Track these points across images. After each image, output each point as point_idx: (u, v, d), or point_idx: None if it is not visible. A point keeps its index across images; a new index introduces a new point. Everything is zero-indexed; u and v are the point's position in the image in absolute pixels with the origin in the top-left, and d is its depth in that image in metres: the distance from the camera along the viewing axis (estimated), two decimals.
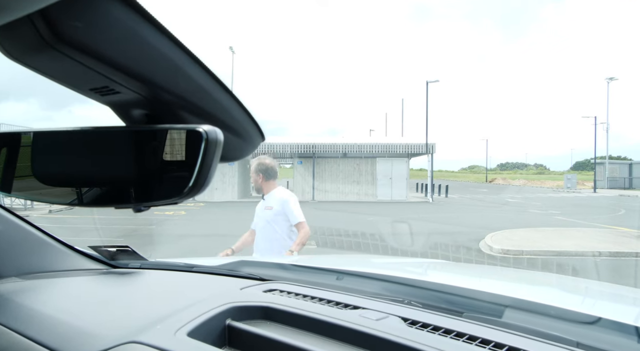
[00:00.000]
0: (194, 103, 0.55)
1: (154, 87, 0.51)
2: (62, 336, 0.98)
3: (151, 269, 1.54)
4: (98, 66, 0.48)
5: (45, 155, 0.59)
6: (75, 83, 0.53)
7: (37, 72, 0.52)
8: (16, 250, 1.38)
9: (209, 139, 0.49)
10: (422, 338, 0.86)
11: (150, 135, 0.54)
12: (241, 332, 0.95)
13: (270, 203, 3.54)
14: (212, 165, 0.49)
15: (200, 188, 0.50)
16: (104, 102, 0.57)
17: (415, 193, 30.19)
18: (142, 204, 0.53)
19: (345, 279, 1.46)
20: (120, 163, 0.55)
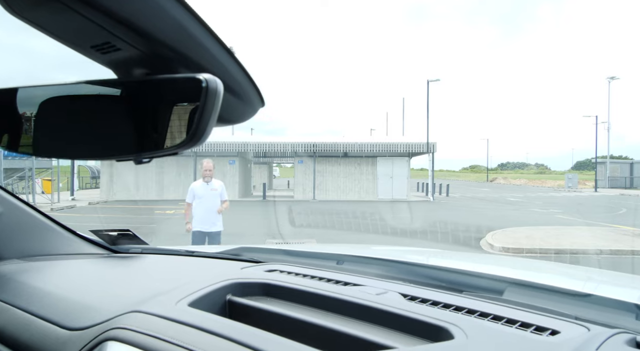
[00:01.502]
0: (193, 61, 0.55)
1: (155, 42, 0.52)
2: (63, 311, 0.98)
3: (152, 254, 1.54)
4: (101, 19, 0.48)
5: (43, 112, 0.60)
6: (77, 40, 0.53)
7: (39, 29, 0.52)
8: (18, 233, 1.39)
9: (209, 87, 0.49)
10: (421, 310, 0.87)
11: (150, 86, 0.54)
12: (241, 306, 0.96)
13: (214, 187, 5.90)
14: (211, 114, 0.49)
15: (199, 138, 0.50)
16: (104, 62, 0.57)
17: (416, 193, 30.17)
18: (143, 155, 0.54)
19: (345, 264, 1.47)
20: (120, 115, 0.56)
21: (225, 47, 0.57)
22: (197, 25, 0.53)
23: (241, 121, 0.68)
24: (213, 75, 0.50)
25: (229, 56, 0.58)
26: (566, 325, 0.80)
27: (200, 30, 0.53)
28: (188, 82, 0.51)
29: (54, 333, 0.93)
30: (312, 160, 24.75)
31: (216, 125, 0.54)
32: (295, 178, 25.70)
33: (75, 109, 0.59)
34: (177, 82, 0.53)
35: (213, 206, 5.82)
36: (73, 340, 0.88)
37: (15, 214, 1.38)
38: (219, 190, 5.90)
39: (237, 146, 23.84)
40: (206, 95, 0.49)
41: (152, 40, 0.51)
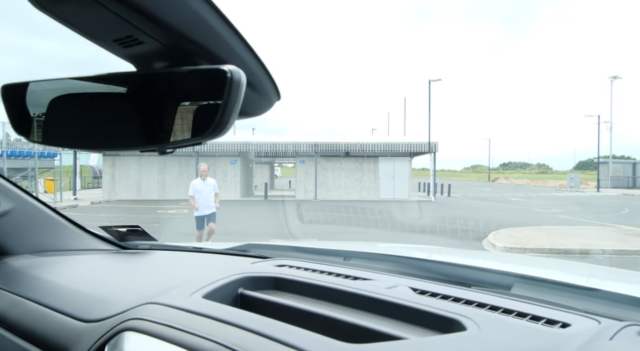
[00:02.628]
0: (213, 53, 0.56)
1: (177, 34, 0.53)
2: (77, 304, 1.00)
3: (161, 250, 1.55)
4: (125, 12, 0.49)
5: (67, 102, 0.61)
6: (100, 34, 0.54)
7: (64, 23, 0.53)
8: (30, 229, 1.41)
9: (233, 78, 0.50)
10: (432, 303, 0.88)
11: (172, 78, 0.55)
12: (253, 299, 0.97)
13: (209, 183, 8.22)
14: (235, 105, 0.50)
15: (222, 129, 0.51)
16: (125, 56, 0.58)
17: (417, 193, 30.15)
18: (167, 146, 0.55)
19: (352, 260, 1.48)
20: (142, 107, 0.57)
21: (243, 40, 0.58)
22: (217, 17, 0.54)
23: (258, 114, 0.69)
24: (236, 67, 0.51)
25: (247, 49, 0.59)
26: (576, 318, 0.81)
27: (220, 22, 0.54)
28: (212, 73, 0.52)
29: (68, 325, 0.94)
30: (313, 160, 24.75)
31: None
32: (297, 178, 25.71)
33: (97, 102, 0.60)
34: (201, 73, 0.54)
35: (209, 196, 8.21)
36: (89, 331, 0.89)
37: (27, 210, 1.39)
38: (212, 185, 8.32)
39: (238, 146, 23.86)
40: (230, 86, 0.50)
41: (173, 32, 0.52)
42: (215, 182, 8.46)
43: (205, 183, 8.15)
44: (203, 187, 8.13)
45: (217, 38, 0.55)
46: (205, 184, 8.16)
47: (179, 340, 0.75)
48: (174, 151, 0.57)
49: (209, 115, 0.52)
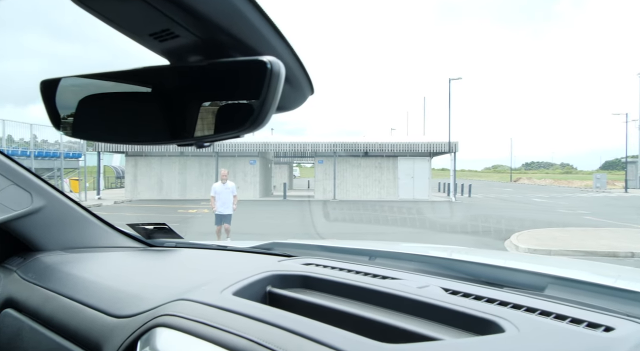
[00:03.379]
0: (248, 45, 0.55)
1: (213, 27, 0.52)
2: (108, 299, 1.01)
3: (186, 248, 1.56)
4: (163, 5, 0.49)
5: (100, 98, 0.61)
6: (137, 28, 0.54)
7: (102, 18, 0.53)
8: (61, 226, 1.44)
9: (273, 70, 0.49)
10: (465, 304, 0.85)
11: (210, 70, 0.54)
12: (281, 297, 0.96)
13: (228, 186, 9.19)
14: (274, 97, 0.49)
15: (262, 121, 0.50)
16: (160, 51, 0.58)
17: (437, 193, 29.84)
18: (204, 139, 0.54)
19: (378, 259, 1.46)
20: (180, 101, 0.56)
21: (279, 32, 0.57)
22: (253, 9, 0.53)
23: (291, 109, 0.68)
24: (275, 58, 0.50)
25: (282, 41, 0.58)
26: (619, 321, 0.78)
27: (256, 14, 0.54)
28: (250, 65, 0.51)
29: (101, 320, 0.95)
30: (332, 160, 24.73)
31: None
32: (316, 178, 25.72)
33: (132, 97, 0.60)
34: (239, 65, 0.53)
35: (227, 198, 9.19)
36: (121, 327, 0.89)
37: (58, 207, 1.42)
38: (230, 188, 9.30)
39: (257, 146, 24.01)
40: (270, 78, 0.49)
41: (210, 24, 0.52)
42: (234, 185, 9.50)
43: (224, 186, 9.25)
44: (222, 189, 9.22)
45: (252, 30, 0.54)
46: (225, 187, 9.24)
47: (212, 337, 0.74)
48: (211, 145, 0.56)
49: (247, 107, 0.51)
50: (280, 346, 0.68)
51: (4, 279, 1.31)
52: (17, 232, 1.38)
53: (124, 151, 24.84)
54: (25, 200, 1.35)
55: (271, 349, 0.68)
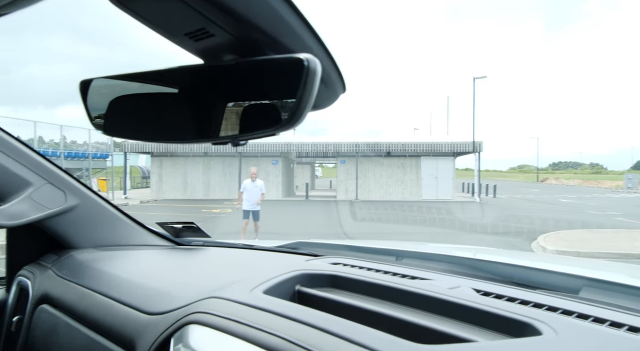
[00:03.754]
0: (282, 43, 0.55)
1: (249, 25, 0.52)
2: (141, 297, 1.02)
3: (213, 246, 1.58)
4: (200, 4, 0.49)
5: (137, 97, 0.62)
6: (172, 27, 0.55)
7: (139, 18, 0.54)
8: (94, 224, 1.47)
9: (310, 67, 0.49)
10: (499, 305, 0.83)
11: (246, 69, 0.55)
12: (310, 297, 0.96)
13: (257, 184, 9.59)
14: (311, 95, 0.49)
15: (298, 119, 0.50)
16: (194, 50, 0.59)
17: (461, 193, 29.42)
18: (240, 138, 0.55)
19: (405, 259, 1.44)
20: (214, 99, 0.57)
21: (312, 30, 0.57)
22: (288, 7, 0.53)
23: (324, 107, 0.67)
24: (312, 55, 0.49)
25: (316, 39, 0.58)
26: None
27: (291, 12, 0.54)
28: (287, 62, 0.51)
29: (134, 317, 0.97)
30: (354, 160, 24.65)
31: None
32: (338, 178, 25.69)
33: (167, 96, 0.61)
34: (275, 63, 0.53)
35: (256, 195, 9.63)
36: (154, 323, 0.91)
37: (90, 206, 1.46)
38: (259, 186, 9.74)
39: (280, 146, 24.14)
40: (307, 75, 0.49)
41: (245, 23, 0.52)
42: (263, 183, 9.93)
43: (254, 184, 9.72)
44: (252, 187, 9.71)
45: (287, 28, 0.54)
46: (254, 185, 9.72)
47: (244, 334, 0.75)
48: (246, 143, 0.56)
49: (283, 105, 0.51)
50: (313, 345, 0.68)
51: (40, 276, 1.35)
52: (51, 229, 1.42)
53: (149, 151, 25.37)
54: (60, 198, 1.39)
55: (305, 348, 0.68)
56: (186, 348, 0.78)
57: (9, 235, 1.50)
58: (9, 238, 1.50)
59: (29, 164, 1.32)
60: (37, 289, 1.31)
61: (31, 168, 1.32)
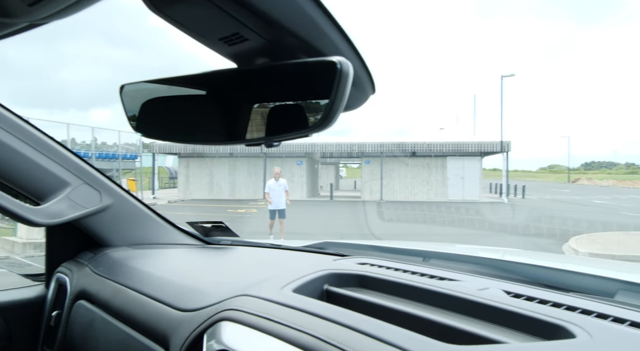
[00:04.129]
0: (314, 47, 0.56)
1: (281, 29, 0.53)
2: (173, 293, 1.05)
3: (242, 246, 1.61)
4: (235, 10, 0.51)
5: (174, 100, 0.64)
6: (207, 32, 0.56)
7: (175, 24, 0.56)
8: (127, 223, 1.52)
9: (343, 70, 0.50)
10: (530, 307, 0.82)
11: (279, 72, 0.56)
12: (338, 296, 0.97)
13: (281, 183, 10.18)
14: (343, 97, 0.50)
15: (331, 121, 0.51)
16: (227, 54, 0.60)
17: (488, 194, 28.86)
18: (273, 139, 0.56)
19: (432, 260, 1.43)
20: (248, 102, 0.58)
21: (343, 32, 0.58)
22: (320, 11, 0.54)
23: (354, 108, 0.68)
24: (344, 58, 0.50)
25: (346, 41, 0.59)
26: None
27: (322, 16, 0.54)
28: (319, 65, 0.52)
29: (167, 313, 1.00)
30: (379, 161, 24.52)
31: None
32: (362, 178, 25.60)
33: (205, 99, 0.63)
34: (308, 66, 0.54)
35: (281, 194, 10.17)
36: (187, 320, 0.93)
37: (124, 205, 1.50)
38: (283, 185, 10.27)
39: (304, 147, 24.23)
40: (339, 78, 0.50)
41: (279, 28, 0.53)
42: (286, 181, 10.56)
43: (277, 183, 10.30)
44: (276, 186, 10.26)
45: (319, 31, 0.55)
46: (278, 184, 10.30)
47: (275, 332, 0.76)
48: (279, 144, 0.58)
49: (316, 107, 0.52)
50: (344, 344, 0.68)
51: (77, 272, 1.40)
52: (87, 228, 1.47)
53: (176, 152, 25.88)
54: (95, 198, 1.44)
55: (336, 346, 0.68)
56: (219, 344, 0.80)
57: (48, 234, 1.56)
58: (48, 236, 1.57)
59: (67, 165, 1.38)
60: (74, 285, 1.37)
61: (69, 169, 1.38)
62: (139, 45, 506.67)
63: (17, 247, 1.79)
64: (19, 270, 1.79)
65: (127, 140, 24.22)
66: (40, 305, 1.50)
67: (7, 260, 1.82)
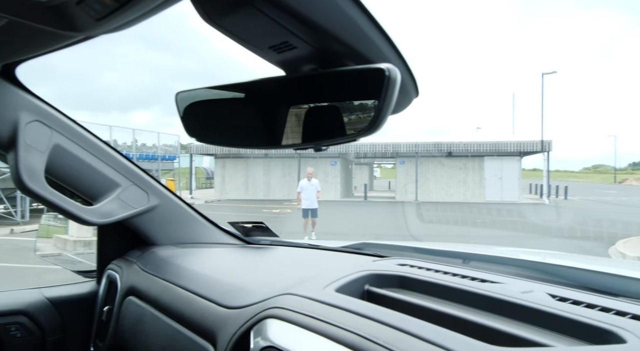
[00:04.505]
0: (360, 54, 0.58)
1: (328, 37, 0.55)
2: (219, 291, 1.09)
3: (281, 246, 1.64)
4: (285, 19, 0.53)
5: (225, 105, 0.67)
6: (258, 41, 0.59)
7: (227, 34, 0.59)
8: (172, 223, 1.58)
9: (391, 76, 0.51)
10: (577, 311, 0.80)
11: (328, 79, 0.58)
12: (379, 296, 0.98)
13: (313, 183, 10.71)
14: (390, 102, 0.52)
15: (378, 125, 0.53)
16: (276, 62, 0.63)
17: (528, 195, 27.98)
18: (323, 143, 0.58)
19: (472, 262, 1.42)
20: (297, 108, 0.60)
21: (389, 39, 0.59)
22: (365, 18, 0.56)
23: (398, 112, 0.69)
24: (391, 65, 0.52)
25: (392, 48, 0.60)
26: None
27: (368, 22, 0.56)
28: (368, 72, 0.53)
29: (213, 310, 1.04)
30: (414, 161, 24.23)
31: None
32: (397, 179, 25.37)
33: (255, 105, 0.66)
34: (356, 73, 0.56)
35: (312, 194, 10.67)
36: (233, 317, 0.97)
37: (170, 206, 1.57)
38: (315, 185, 10.79)
39: (338, 147, 24.15)
40: (387, 84, 0.51)
41: (327, 36, 0.55)
42: (318, 181, 11.09)
43: (310, 183, 10.83)
44: (308, 185, 10.81)
45: (365, 37, 0.57)
46: (310, 184, 10.83)
47: (319, 329, 0.78)
48: (327, 148, 0.60)
49: (362, 112, 0.54)
50: (388, 342, 0.70)
51: (127, 270, 1.47)
52: (136, 227, 1.54)
53: (213, 153, 26.45)
54: (143, 198, 1.50)
55: (381, 345, 0.70)
56: (265, 340, 0.83)
57: (99, 232, 1.64)
58: (100, 235, 1.65)
59: (117, 167, 1.44)
60: (124, 282, 1.43)
61: (119, 170, 1.45)
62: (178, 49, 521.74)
63: (68, 245, 1.92)
64: (71, 266, 1.89)
65: (165, 142, 24.98)
66: (92, 300, 1.57)
67: (60, 257, 1.93)
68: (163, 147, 24.76)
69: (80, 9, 0.48)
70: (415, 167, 24.13)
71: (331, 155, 24.81)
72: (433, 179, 24.55)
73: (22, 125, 1.18)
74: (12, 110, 1.18)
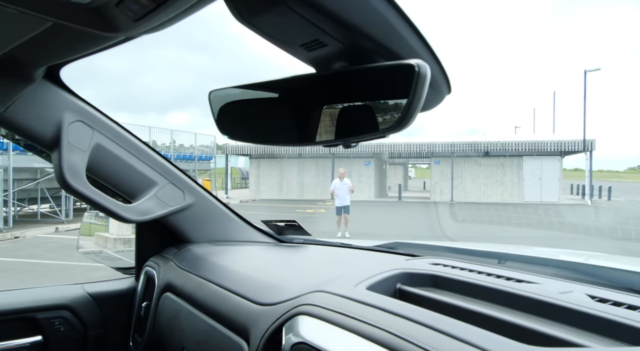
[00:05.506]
0: (390, 50, 0.57)
1: (359, 34, 0.55)
2: (252, 288, 1.11)
3: (313, 244, 1.65)
4: (316, 17, 0.53)
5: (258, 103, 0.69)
6: (289, 40, 0.60)
7: (259, 33, 0.60)
8: (207, 221, 1.62)
9: (420, 72, 0.51)
10: (617, 312, 0.77)
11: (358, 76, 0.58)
12: (412, 295, 0.97)
13: (345, 182, 11.54)
14: (420, 98, 0.51)
15: (408, 122, 0.52)
16: (307, 60, 0.63)
17: (569, 195, 26.94)
18: (351, 140, 0.59)
19: (508, 262, 1.38)
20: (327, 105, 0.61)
21: (420, 35, 0.59)
22: (397, 14, 0.55)
23: (430, 108, 0.69)
24: (421, 61, 0.52)
25: (423, 44, 0.60)
26: None
27: (399, 19, 0.56)
28: (397, 69, 0.53)
29: (247, 306, 1.06)
30: (449, 161, 23.78)
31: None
32: (432, 179, 24.97)
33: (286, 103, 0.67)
34: (385, 69, 0.56)
35: (345, 192, 11.41)
36: (266, 314, 0.98)
37: (205, 204, 1.60)
38: (347, 184, 11.47)
39: (372, 147, 24.10)
40: (417, 80, 0.51)
41: (357, 33, 0.55)
42: (349, 181, 11.84)
43: (342, 183, 11.54)
44: (340, 185, 11.53)
45: (396, 34, 0.56)
46: (342, 183, 11.54)
47: (351, 327, 0.78)
48: (357, 145, 0.60)
49: (392, 108, 0.53)
50: (420, 341, 0.69)
51: (164, 267, 1.51)
52: (172, 225, 1.59)
53: (248, 153, 26.84)
54: (179, 197, 1.55)
55: (413, 343, 0.69)
56: (297, 337, 0.84)
57: (138, 230, 1.70)
58: (138, 233, 1.71)
59: (155, 166, 1.49)
60: (161, 278, 1.48)
61: (157, 169, 1.49)
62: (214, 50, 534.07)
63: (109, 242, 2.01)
64: (111, 263, 1.96)
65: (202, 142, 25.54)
66: (131, 296, 1.63)
67: (101, 254, 2.01)
68: (200, 147, 25.32)
69: (119, 10, 0.50)
70: (451, 166, 23.68)
71: (365, 155, 24.69)
72: (469, 179, 24.02)
73: (66, 125, 1.23)
74: (56, 111, 1.23)
